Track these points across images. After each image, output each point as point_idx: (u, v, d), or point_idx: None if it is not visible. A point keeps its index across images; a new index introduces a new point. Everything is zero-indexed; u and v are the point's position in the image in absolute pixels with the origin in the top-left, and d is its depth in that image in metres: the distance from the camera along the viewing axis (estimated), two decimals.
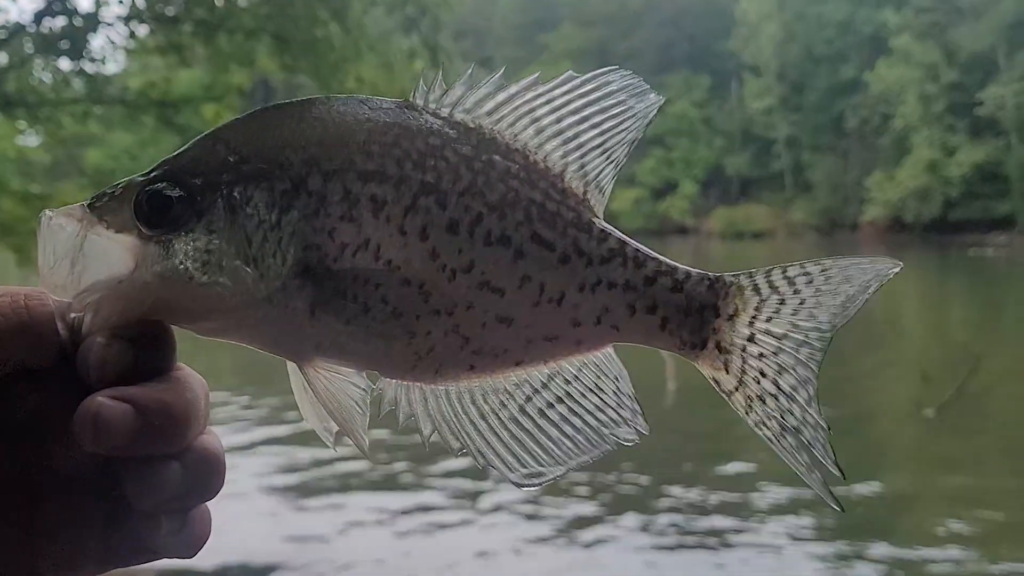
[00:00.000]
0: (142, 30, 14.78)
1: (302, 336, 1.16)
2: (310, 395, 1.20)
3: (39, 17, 13.65)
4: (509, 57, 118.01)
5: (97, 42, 14.69)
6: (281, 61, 14.70)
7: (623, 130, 1.29)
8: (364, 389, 1.21)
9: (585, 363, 1.29)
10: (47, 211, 1.13)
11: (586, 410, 1.27)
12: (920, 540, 11.78)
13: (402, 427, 1.22)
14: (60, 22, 13.75)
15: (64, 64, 14.30)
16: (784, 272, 1.32)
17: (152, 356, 1.10)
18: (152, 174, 1.14)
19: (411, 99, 1.21)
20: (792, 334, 1.31)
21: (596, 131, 1.26)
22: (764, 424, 1.35)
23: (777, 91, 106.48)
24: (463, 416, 1.23)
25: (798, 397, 1.33)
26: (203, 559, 8.84)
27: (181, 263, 1.10)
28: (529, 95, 1.24)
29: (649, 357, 1.81)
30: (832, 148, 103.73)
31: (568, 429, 1.25)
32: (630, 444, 1.29)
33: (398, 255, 1.14)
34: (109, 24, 14.32)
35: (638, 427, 1.30)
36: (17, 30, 13.81)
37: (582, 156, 1.26)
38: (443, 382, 1.22)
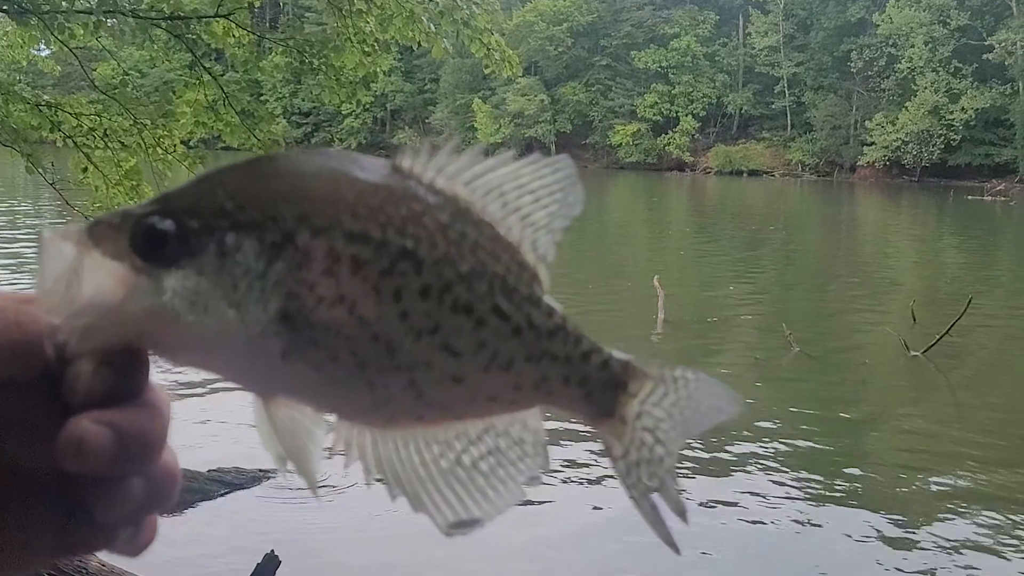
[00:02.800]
0: None
1: (271, 377, 1.18)
2: (268, 427, 1.23)
3: None
4: None
5: None
6: None
7: (562, 216, 1.31)
8: (319, 430, 1.24)
9: (514, 419, 1.33)
10: (48, 231, 1.11)
11: (510, 462, 1.32)
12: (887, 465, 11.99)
13: (347, 467, 1.25)
14: None
15: None
16: (672, 370, 1.38)
17: (131, 381, 1.11)
18: (151, 208, 1.13)
19: (398, 162, 1.21)
20: (665, 420, 1.40)
21: (545, 212, 1.30)
22: (634, 486, 1.37)
23: (783, 29, 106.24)
24: (406, 462, 1.27)
25: (664, 465, 1.40)
26: (199, 463, 8.76)
27: (169, 300, 1.12)
28: (501, 170, 1.26)
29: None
30: (835, 89, 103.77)
31: (494, 480, 1.30)
32: (534, 487, 1.32)
33: (371, 313, 1.16)
34: None
35: (542, 473, 1.33)
36: None
37: (535, 233, 1.29)
38: (393, 429, 1.26)
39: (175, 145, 12.06)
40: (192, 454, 11.44)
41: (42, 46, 14.66)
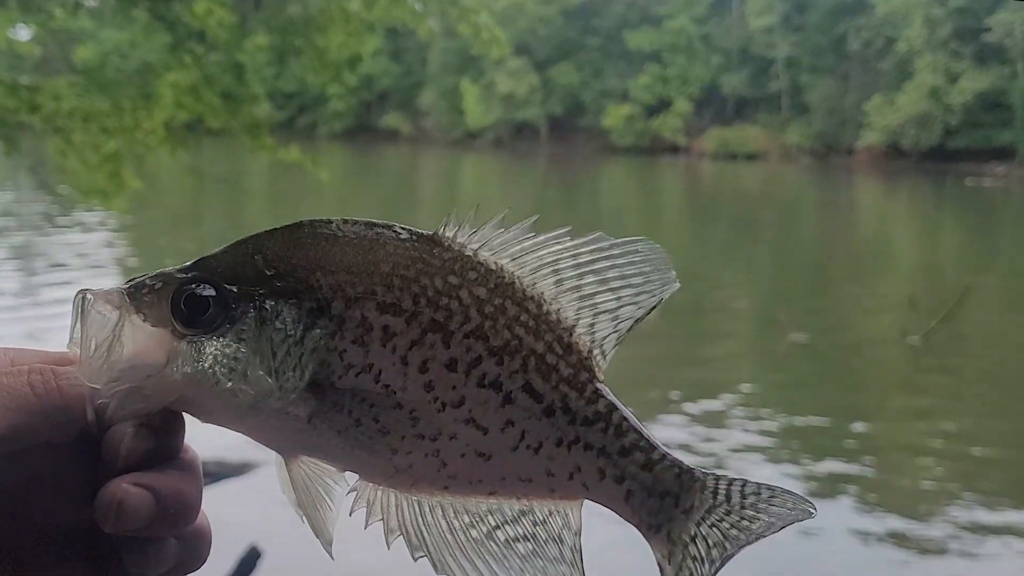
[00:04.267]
0: None
1: (296, 438, 1.24)
2: (287, 480, 1.28)
3: None
4: None
5: None
6: None
7: (637, 303, 1.33)
8: (338, 487, 1.28)
9: (556, 510, 1.34)
10: (87, 292, 1.16)
11: (546, 556, 1.32)
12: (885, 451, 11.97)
13: (368, 527, 1.30)
14: None
15: None
16: (742, 487, 1.33)
17: (169, 443, 1.18)
18: (191, 273, 1.19)
19: (439, 232, 1.27)
20: (719, 546, 1.33)
21: (612, 296, 1.32)
22: None
23: (779, 9, 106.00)
24: (432, 525, 1.30)
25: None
26: None
27: (210, 367, 1.15)
28: (556, 247, 1.29)
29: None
30: (832, 70, 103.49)
31: (527, 567, 1.31)
32: None
33: (396, 382, 1.22)
34: None
35: None
36: None
37: (594, 316, 1.31)
38: (418, 494, 1.29)
39: (156, 128, 11.82)
40: None
41: (22, 29, 14.56)
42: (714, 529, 1.33)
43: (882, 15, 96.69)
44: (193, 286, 1.17)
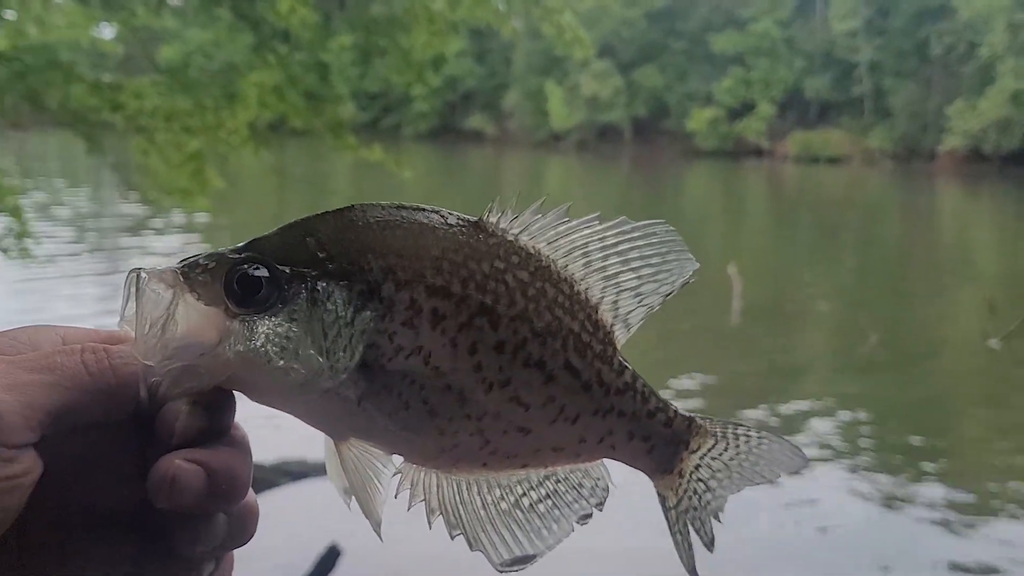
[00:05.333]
0: None
1: (345, 420, 1.27)
2: (336, 463, 1.31)
3: None
4: None
5: None
6: None
7: (657, 280, 1.41)
8: (387, 470, 1.32)
9: (576, 467, 1.43)
10: (142, 271, 1.18)
11: (566, 504, 1.41)
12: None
13: (410, 507, 1.33)
14: None
15: None
16: (735, 427, 1.51)
17: (220, 421, 1.20)
18: (244, 254, 1.22)
19: (485, 218, 1.33)
20: (722, 471, 1.50)
21: (634, 275, 1.39)
22: (680, 532, 1.50)
23: (862, 13, 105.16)
24: (468, 504, 1.36)
25: (711, 510, 1.51)
26: (263, 454, 8.71)
27: (262, 346, 1.18)
28: (586, 231, 1.37)
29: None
30: (914, 74, 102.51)
31: (549, 521, 1.38)
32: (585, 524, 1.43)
33: (445, 364, 1.25)
34: None
35: (595, 511, 1.44)
36: None
37: (617, 294, 1.39)
38: (457, 473, 1.35)
39: (239, 128, 11.85)
40: (256, 445, 11.21)
41: (106, 28, 14.67)
42: (716, 460, 1.50)
43: (965, 20, 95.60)
44: (246, 266, 1.20)
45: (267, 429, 11.97)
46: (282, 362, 1.18)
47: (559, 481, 1.42)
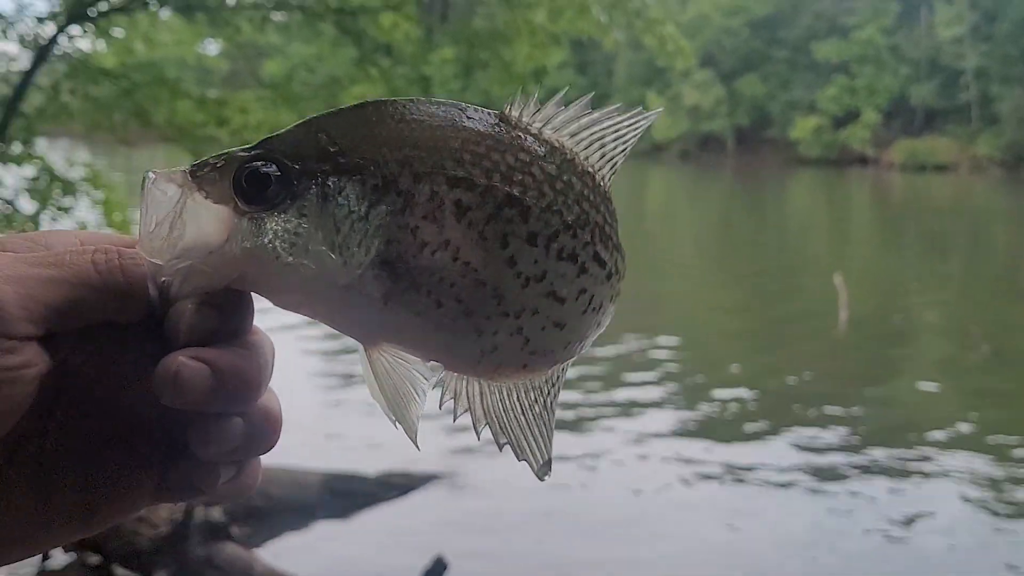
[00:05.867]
0: None
1: (373, 322, 1.23)
2: (371, 374, 1.27)
3: None
4: None
5: None
6: None
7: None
8: (425, 378, 1.28)
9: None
10: (151, 172, 1.17)
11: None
12: None
13: (455, 418, 1.32)
14: None
15: None
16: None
17: (233, 321, 1.18)
18: (254, 151, 1.19)
19: (506, 111, 1.28)
20: None
21: (623, 159, 1.38)
22: None
23: (968, 19, 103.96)
24: (510, 411, 1.35)
25: None
26: (368, 465, 8.93)
27: (270, 242, 1.16)
28: (606, 123, 1.35)
29: None
30: (1022, 80, 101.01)
31: (554, 416, 1.38)
32: None
33: (476, 259, 1.22)
34: None
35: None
36: None
37: (614, 178, 1.38)
38: (500, 379, 1.32)
39: None
40: (361, 457, 11.61)
41: (211, 44, 14.87)
42: None
43: None
44: (255, 163, 1.18)
45: (371, 442, 12.10)
46: (291, 258, 1.17)
47: (564, 371, 1.43)
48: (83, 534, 1.20)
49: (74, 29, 12.09)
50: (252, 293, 1.21)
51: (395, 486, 11.06)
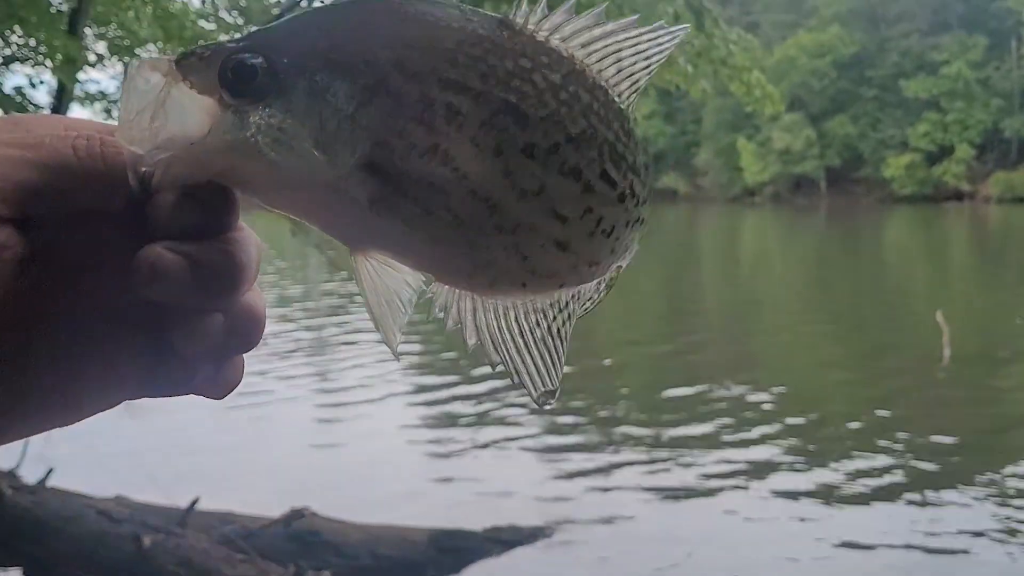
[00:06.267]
0: None
1: (358, 226, 1.18)
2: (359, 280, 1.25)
3: None
4: (776, 21, 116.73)
5: None
6: None
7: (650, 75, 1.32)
8: (413, 289, 1.26)
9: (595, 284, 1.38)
10: (135, 60, 1.13)
11: (573, 325, 1.36)
12: None
13: (448, 332, 1.26)
14: None
15: None
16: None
17: (215, 217, 1.14)
18: (242, 43, 1.15)
19: (509, 18, 1.21)
20: None
21: (647, 78, 1.30)
22: None
23: None
24: (506, 331, 1.29)
25: None
26: (474, 522, 8.96)
27: (252, 136, 1.11)
28: (622, 36, 1.27)
29: None
30: None
31: (565, 346, 1.33)
32: None
33: (468, 166, 1.15)
34: None
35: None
36: None
37: (636, 100, 1.29)
38: (495, 296, 1.28)
39: None
40: (467, 513, 11.53)
41: None
42: None
43: None
44: (243, 55, 1.13)
45: (477, 497, 12.15)
46: (273, 154, 1.11)
47: (577, 299, 1.36)
48: (59, 425, 1.21)
49: None
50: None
51: (502, 541, 10.99)
